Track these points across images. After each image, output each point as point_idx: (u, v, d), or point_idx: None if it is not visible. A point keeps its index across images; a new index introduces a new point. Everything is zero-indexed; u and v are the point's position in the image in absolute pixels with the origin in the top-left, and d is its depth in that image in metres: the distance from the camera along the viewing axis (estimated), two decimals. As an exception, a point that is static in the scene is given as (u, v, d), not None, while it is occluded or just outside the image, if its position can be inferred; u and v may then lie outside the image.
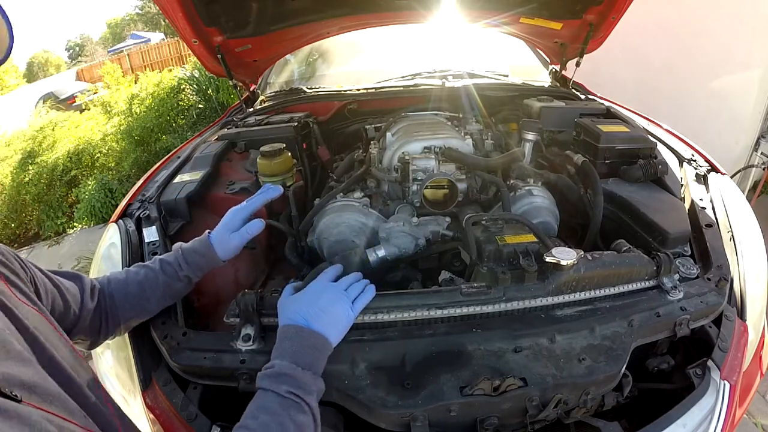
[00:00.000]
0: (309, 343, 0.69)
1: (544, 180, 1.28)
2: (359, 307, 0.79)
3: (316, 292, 0.77)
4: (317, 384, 0.67)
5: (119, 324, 0.81)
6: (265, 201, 0.96)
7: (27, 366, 0.47)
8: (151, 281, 0.83)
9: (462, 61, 2.20)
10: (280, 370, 0.65)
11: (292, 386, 0.63)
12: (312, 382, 0.66)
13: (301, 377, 0.65)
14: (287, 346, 0.68)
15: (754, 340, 0.97)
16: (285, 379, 0.64)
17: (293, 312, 0.73)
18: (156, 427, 0.79)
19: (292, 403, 0.62)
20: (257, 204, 0.95)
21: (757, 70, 2.76)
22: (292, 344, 0.68)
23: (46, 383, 0.48)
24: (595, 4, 1.59)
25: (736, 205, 1.18)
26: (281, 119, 1.69)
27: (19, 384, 0.44)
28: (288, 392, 0.63)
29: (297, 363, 0.66)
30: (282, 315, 0.75)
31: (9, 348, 0.46)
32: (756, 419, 1.71)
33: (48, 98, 11.25)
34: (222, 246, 0.89)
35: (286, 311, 0.74)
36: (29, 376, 0.46)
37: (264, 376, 0.65)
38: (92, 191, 4.37)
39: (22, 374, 0.45)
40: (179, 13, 1.39)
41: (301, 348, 0.68)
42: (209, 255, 0.88)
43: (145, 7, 26.45)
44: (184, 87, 5.84)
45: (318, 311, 0.73)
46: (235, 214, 0.92)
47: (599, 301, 0.89)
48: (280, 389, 0.63)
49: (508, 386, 0.73)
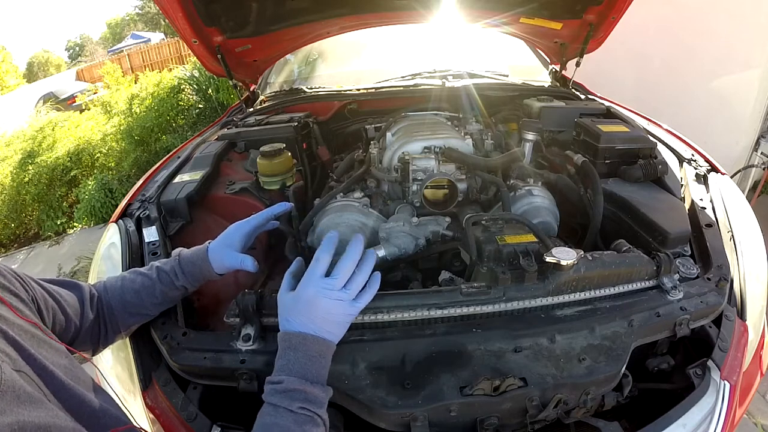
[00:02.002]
0: (314, 352, 0.67)
1: (544, 180, 1.28)
2: (363, 303, 0.74)
3: (309, 297, 0.70)
4: (327, 394, 0.66)
5: (119, 331, 0.81)
6: (270, 216, 0.94)
7: (39, 407, 0.47)
8: (148, 289, 0.82)
9: (462, 61, 2.20)
10: (291, 386, 0.63)
11: (305, 402, 0.62)
12: (322, 395, 0.65)
13: (311, 391, 0.63)
14: (293, 358, 0.66)
15: (754, 340, 0.97)
16: (296, 395, 0.62)
17: (292, 317, 0.69)
18: (156, 427, 0.79)
19: (306, 419, 0.61)
20: (260, 219, 0.92)
21: (757, 70, 2.76)
22: (298, 355, 0.66)
23: (59, 420, 0.48)
24: (595, 4, 1.59)
25: (736, 205, 1.18)
26: (281, 119, 1.69)
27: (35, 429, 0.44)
28: (301, 408, 0.62)
29: (306, 377, 0.65)
30: (282, 316, 0.72)
31: (19, 393, 0.46)
32: (756, 419, 1.71)
33: (48, 98, 11.24)
34: (217, 261, 0.86)
35: (285, 312, 0.71)
36: (42, 418, 0.46)
37: (274, 392, 0.63)
38: (92, 191, 4.38)
39: (35, 418, 0.45)
40: (179, 13, 1.38)
41: (307, 359, 0.66)
42: (205, 267, 0.86)
43: (145, 7, 26.46)
44: (184, 87, 5.84)
45: (317, 318, 0.69)
46: (236, 230, 0.89)
47: (599, 301, 0.89)
48: (292, 406, 0.61)
49: (508, 386, 0.73)
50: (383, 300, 0.83)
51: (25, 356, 0.52)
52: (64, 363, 0.57)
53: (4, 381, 0.45)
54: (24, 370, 0.50)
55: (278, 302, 0.74)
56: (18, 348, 0.52)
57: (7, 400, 0.44)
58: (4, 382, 0.45)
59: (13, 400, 0.45)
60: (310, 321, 0.69)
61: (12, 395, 0.45)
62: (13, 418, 0.43)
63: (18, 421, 0.43)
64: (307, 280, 0.71)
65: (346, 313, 0.72)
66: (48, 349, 0.56)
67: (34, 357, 0.52)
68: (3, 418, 0.42)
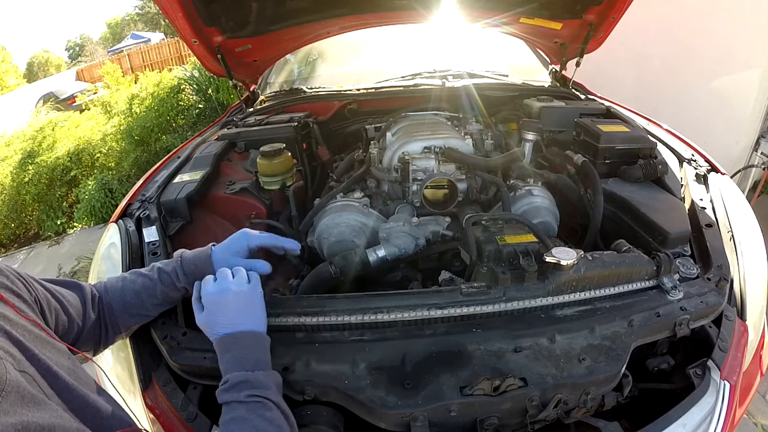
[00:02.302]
0: (246, 345, 0.71)
1: (544, 180, 1.28)
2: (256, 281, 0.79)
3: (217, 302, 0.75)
4: (272, 378, 0.69)
5: (119, 332, 0.82)
6: (279, 245, 0.94)
7: (42, 408, 0.47)
8: (148, 290, 0.82)
9: (462, 61, 2.20)
10: (234, 381, 0.67)
11: (250, 389, 0.65)
12: (266, 379, 0.68)
13: (254, 379, 0.67)
14: (229, 358, 0.70)
15: (754, 340, 0.97)
16: (241, 386, 0.66)
17: (214, 326, 0.74)
18: (156, 427, 0.79)
19: (256, 405, 0.64)
20: (271, 242, 0.93)
21: (757, 70, 2.76)
22: (232, 354, 0.70)
23: (63, 420, 0.48)
24: (595, 4, 1.59)
25: (736, 205, 1.18)
26: (281, 119, 1.69)
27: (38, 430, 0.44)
28: (248, 396, 0.65)
29: (245, 368, 0.68)
30: (208, 332, 0.76)
31: (23, 393, 0.46)
32: (756, 419, 1.71)
33: (48, 98, 11.25)
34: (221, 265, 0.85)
35: (209, 328, 0.75)
36: (46, 419, 0.46)
37: (222, 392, 0.67)
38: (92, 191, 4.37)
39: (39, 419, 0.45)
40: (179, 13, 1.38)
41: (242, 353, 0.70)
42: (207, 270, 0.85)
43: (145, 7, 26.46)
44: (184, 87, 5.83)
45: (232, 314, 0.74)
46: (244, 239, 0.89)
47: (599, 301, 0.89)
48: (240, 397, 0.65)
49: (508, 386, 0.73)
50: (383, 300, 0.83)
51: (29, 357, 0.52)
52: (67, 364, 0.57)
53: (8, 381, 0.45)
54: (28, 371, 0.50)
55: (198, 325, 0.77)
56: (22, 348, 0.52)
57: (11, 400, 0.44)
58: (8, 382, 0.45)
59: (17, 401, 0.45)
60: (228, 321, 0.73)
61: (16, 396, 0.45)
62: (17, 418, 0.43)
63: (22, 422, 0.43)
64: (205, 291, 0.77)
65: (250, 299, 0.77)
66: (51, 350, 0.57)
67: (38, 358, 0.52)
68: (7, 419, 0.42)
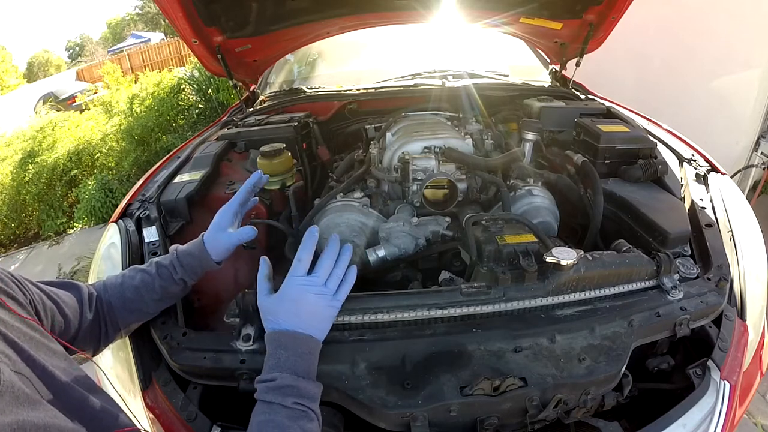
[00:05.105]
0: (303, 350, 0.69)
1: (544, 180, 1.28)
2: (343, 296, 0.76)
3: (293, 296, 0.73)
4: (319, 389, 0.68)
5: (119, 330, 0.81)
6: (251, 189, 0.93)
7: (37, 408, 0.47)
8: (147, 285, 0.82)
9: (462, 61, 2.20)
10: (283, 383, 0.65)
11: (298, 397, 0.64)
12: (314, 390, 0.67)
13: (304, 387, 0.65)
14: (284, 356, 0.68)
15: (754, 340, 0.97)
16: (289, 390, 0.64)
17: (280, 316, 0.72)
18: (156, 426, 0.79)
19: (300, 414, 0.63)
20: (242, 196, 0.91)
21: (757, 70, 2.76)
22: (288, 353, 0.68)
23: (59, 420, 0.48)
24: (595, 4, 1.59)
25: (736, 205, 1.18)
26: (281, 119, 1.69)
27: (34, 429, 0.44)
28: (295, 403, 0.63)
29: (297, 373, 0.66)
30: (266, 318, 0.73)
31: (18, 394, 0.46)
32: (756, 419, 1.71)
33: (48, 98, 11.25)
34: (214, 247, 0.86)
35: (270, 314, 0.73)
36: (41, 418, 0.46)
37: (267, 390, 0.65)
38: (92, 191, 4.37)
39: (34, 418, 0.45)
40: (179, 13, 1.39)
41: (297, 356, 0.68)
42: (203, 257, 0.86)
43: (145, 7, 26.47)
44: (184, 87, 5.83)
45: (303, 315, 0.72)
46: (223, 214, 0.89)
47: (599, 301, 0.89)
48: (286, 401, 0.63)
49: (508, 386, 0.73)
50: (383, 300, 0.83)
51: (24, 358, 0.52)
52: (63, 365, 0.57)
53: (3, 382, 0.45)
54: (23, 372, 0.50)
55: (259, 306, 0.75)
56: (17, 350, 0.52)
57: (7, 400, 0.44)
58: (3, 383, 0.45)
59: (12, 401, 0.45)
60: (298, 319, 0.71)
61: (11, 396, 0.45)
62: (13, 417, 0.43)
63: (17, 421, 0.43)
64: (291, 279, 0.74)
65: (329, 307, 0.75)
66: (47, 351, 0.57)
67: (34, 359, 0.52)
68: (2, 418, 0.42)
